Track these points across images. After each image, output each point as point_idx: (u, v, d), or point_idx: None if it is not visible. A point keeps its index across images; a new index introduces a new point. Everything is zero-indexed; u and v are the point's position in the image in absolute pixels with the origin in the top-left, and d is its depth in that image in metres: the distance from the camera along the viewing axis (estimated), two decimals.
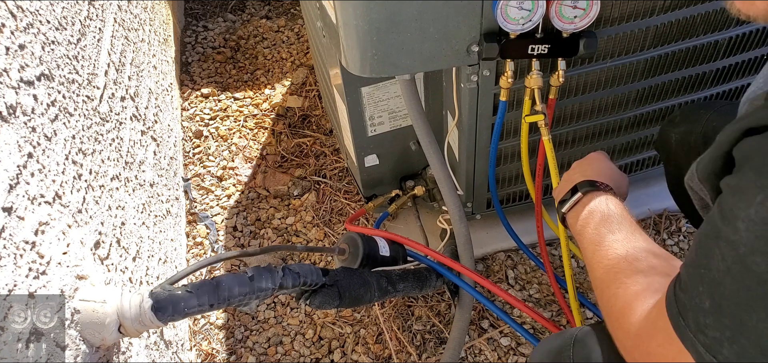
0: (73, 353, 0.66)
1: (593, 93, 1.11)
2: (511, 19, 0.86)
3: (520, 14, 0.86)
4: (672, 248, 1.41)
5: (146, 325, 0.69)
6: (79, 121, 0.89)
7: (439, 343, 1.30)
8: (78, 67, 0.95)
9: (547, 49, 0.89)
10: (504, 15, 0.85)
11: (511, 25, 0.86)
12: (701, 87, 1.17)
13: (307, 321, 1.37)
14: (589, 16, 0.87)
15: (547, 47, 0.89)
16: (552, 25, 0.89)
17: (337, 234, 1.53)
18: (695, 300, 0.48)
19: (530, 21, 0.86)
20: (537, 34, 0.89)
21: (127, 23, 1.39)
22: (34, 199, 0.67)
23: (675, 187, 0.99)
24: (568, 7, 0.86)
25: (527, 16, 0.86)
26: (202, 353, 1.34)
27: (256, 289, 0.73)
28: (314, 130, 1.82)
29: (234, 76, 2.07)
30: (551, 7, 0.86)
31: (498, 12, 0.85)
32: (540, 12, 0.85)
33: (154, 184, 1.32)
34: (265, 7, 2.35)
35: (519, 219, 1.41)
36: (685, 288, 0.50)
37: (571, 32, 0.89)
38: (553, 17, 0.87)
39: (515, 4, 0.85)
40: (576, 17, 0.87)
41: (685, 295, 0.49)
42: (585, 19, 0.87)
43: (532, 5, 0.85)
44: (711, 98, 1.20)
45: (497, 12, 0.85)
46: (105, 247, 0.89)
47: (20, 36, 0.74)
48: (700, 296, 0.48)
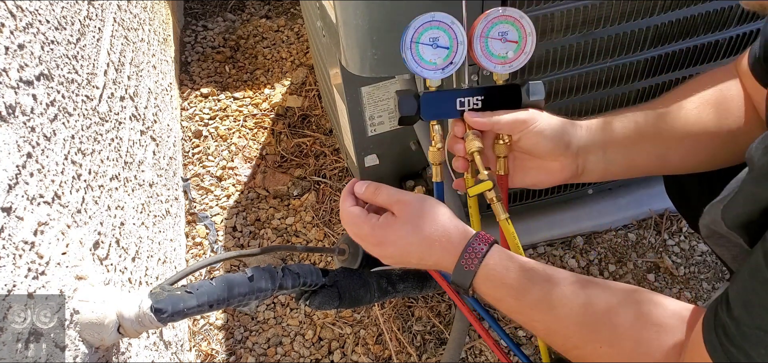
0: (73, 354, 0.66)
1: (593, 93, 1.11)
2: (427, 62, 0.68)
3: (436, 54, 0.67)
4: (673, 248, 1.41)
5: (145, 326, 0.68)
6: (78, 120, 0.89)
7: (440, 344, 1.30)
8: (77, 66, 0.95)
9: (480, 101, 0.69)
10: (417, 59, 0.67)
11: (429, 70, 0.68)
12: None
13: (306, 322, 1.37)
14: (524, 51, 0.68)
15: (480, 99, 0.69)
16: (483, 69, 0.70)
17: (337, 234, 1.53)
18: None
19: (452, 63, 0.68)
20: (464, 83, 0.71)
21: (127, 23, 1.39)
22: (33, 199, 0.67)
23: (672, 189, 0.98)
24: (495, 41, 0.68)
25: (446, 55, 0.67)
26: (201, 354, 1.34)
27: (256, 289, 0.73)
28: (314, 130, 1.82)
29: (233, 75, 2.07)
30: (475, 45, 0.68)
31: (408, 56, 0.67)
32: (461, 50, 0.68)
33: (153, 184, 1.32)
34: (265, 6, 2.35)
35: (519, 219, 1.41)
36: (740, 345, 0.46)
37: (506, 77, 0.70)
38: (479, 58, 0.68)
39: (427, 41, 0.67)
40: (508, 54, 0.69)
41: (745, 358, 0.46)
42: (520, 55, 0.69)
43: (448, 41, 0.67)
44: None
45: (407, 57, 0.67)
46: (104, 248, 0.89)
47: (19, 36, 0.74)
48: (765, 357, 0.44)
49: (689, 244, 1.42)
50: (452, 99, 0.69)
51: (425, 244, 0.63)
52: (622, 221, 1.44)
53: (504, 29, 0.68)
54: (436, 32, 0.67)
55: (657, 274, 1.38)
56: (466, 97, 0.69)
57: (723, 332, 0.47)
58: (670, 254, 1.40)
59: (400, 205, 0.64)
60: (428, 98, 0.69)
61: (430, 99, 0.69)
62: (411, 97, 0.69)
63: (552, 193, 1.37)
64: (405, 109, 0.69)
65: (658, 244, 1.42)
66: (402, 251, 0.64)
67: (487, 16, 0.67)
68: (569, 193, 1.39)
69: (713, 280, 1.37)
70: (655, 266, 1.39)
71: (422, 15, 0.66)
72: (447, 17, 0.67)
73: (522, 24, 0.68)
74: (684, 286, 1.35)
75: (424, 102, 0.69)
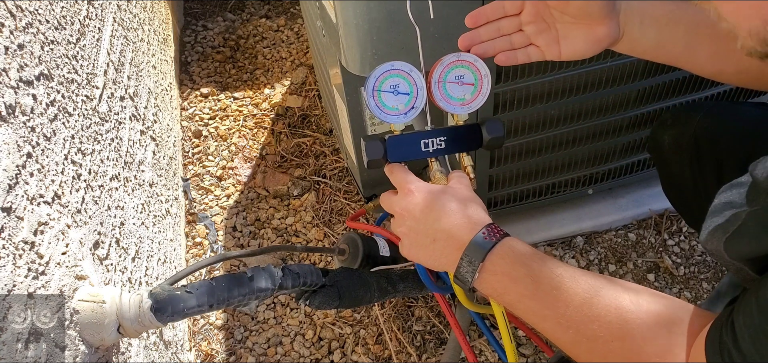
0: (73, 354, 0.66)
1: (593, 93, 1.11)
2: (389, 108, 0.71)
3: (398, 101, 0.70)
4: (673, 248, 1.41)
5: (145, 326, 0.68)
6: (78, 120, 0.89)
7: (439, 344, 1.30)
8: (77, 66, 0.95)
9: (443, 142, 0.72)
10: (380, 105, 0.70)
11: (391, 115, 0.71)
12: (702, 88, 1.17)
13: (306, 321, 1.37)
14: (481, 92, 0.71)
15: (444, 139, 0.72)
16: (443, 113, 0.74)
17: (337, 234, 1.53)
18: None
19: (413, 108, 0.71)
20: (427, 125, 0.74)
21: (127, 23, 1.39)
22: (33, 199, 0.67)
23: (670, 190, 0.98)
24: (453, 85, 0.71)
25: (407, 101, 0.71)
26: (201, 354, 1.34)
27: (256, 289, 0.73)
28: (314, 129, 1.82)
29: (233, 75, 2.07)
30: (433, 89, 0.71)
31: (372, 103, 0.70)
32: (421, 95, 0.70)
33: (153, 184, 1.32)
34: (265, 6, 2.35)
35: (519, 219, 1.41)
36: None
37: (464, 118, 0.73)
38: (439, 101, 0.71)
39: (389, 88, 0.70)
40: (466, 96, 0.72)
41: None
42: (478, 96, 0.72)
43: (408, 87, 0.70)
44: (711, 99, 1.20)
45: (371, 104, 0.70)
46: (104, 247, 0.89)
47: (19, 35, 0.73)
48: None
49: (689, 244, 1.42)
50: (417, 141, 0.72)
51: (460, 206, 0.63)
52: (622, 221, 1.44)
53: (460, 73, 0.71)
54: (396, 80, 0.70)
55: (657, 274, 1.38)
56: (430, 138, 0.72)
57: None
58: (670, 254, 1.40)
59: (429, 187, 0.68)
60: (394, 142, 0.71)
61: (395, 142, 0.71)
62: (377, 142, 0.71)
63: (552, 193, 1.37)
64: (371, 153, 0.71)
65: (658, 244, 1.42)
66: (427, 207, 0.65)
67: (442, 62, 0.70)
68: (569, 193, 1.39)
69: (713, 280, 1.37)
70: (655, 266, 1.39)
71: (382, 65, 0.69)
72: (405, 65, 0.69)
73: (477, 67, 0.70)
74: (684, 286, 1.35)
75: (390, 146, 0.71)
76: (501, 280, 0.59)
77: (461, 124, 0.73)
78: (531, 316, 0.58)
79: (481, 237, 0.60)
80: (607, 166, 1.34)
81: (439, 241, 0.63)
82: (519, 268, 0.58)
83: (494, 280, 0.59)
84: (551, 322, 0.57)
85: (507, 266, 0.58)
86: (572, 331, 0.55)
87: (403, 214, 0.67)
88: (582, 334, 0.55)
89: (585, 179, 1.37)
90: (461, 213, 0.63)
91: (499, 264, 0.59)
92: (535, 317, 0.58)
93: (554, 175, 1.32)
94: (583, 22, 0.68)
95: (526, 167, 1.27)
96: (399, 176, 0.69)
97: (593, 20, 0.67)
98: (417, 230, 0.65)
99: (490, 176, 1.26)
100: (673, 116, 0.94)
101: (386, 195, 0.72)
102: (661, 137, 0.94)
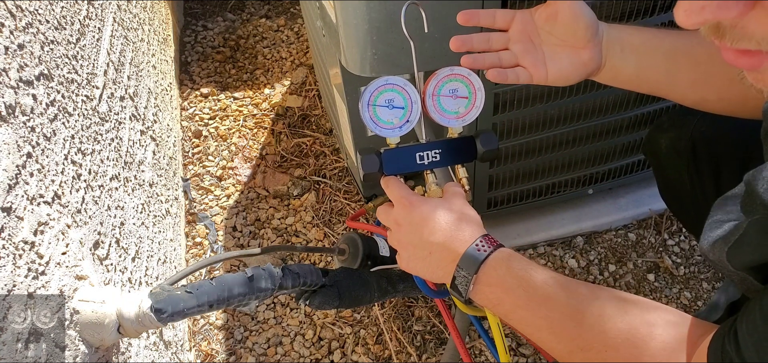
0: (73, 354, 0.66)
1: (593, 93, 1.11)
2: (385, 122, 0.71)
3: (393, 114, 0.71)
4: (673, 248, 1.41)
5: (145, 326, 0.68)
6: (78, 120, 0.89)
7: (439, 344, 1.30)
8: (77, 66, 0.95)
9: (438, 154, 0.73)
10: (375, 119, 0.71)
11: (387, 129, 0.71)
12: None
13: (306, 321, 1.37)
14: (475, 105, 0.72)
15: (439, 152, 0.73)
16: (437, 126, 0.75)
17: (337, 234, 1.53)
18: None
19: (408, 121, 0.71)
20: (422, 138, 0.75)
21: (127, 23, 1.39)
22: (33, 199, 0.67)
23: (667, 194, 0.98)
24: (447, 98, 0.72)
25: (402, 114, 0.71)
26: (201, 354, 1.34)
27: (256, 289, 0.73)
28: (314, 129, 1.82)
29: (233, 75, 2.07)
30: (428, 103, 0.71)
31: (367, 117, 0.71)
32: (416, 109, 0.71)
33: (153, 184, 1.32)
34: (265, 6, 2.35)
35: (519, 219, 1.41)
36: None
37: (460, 130, 0.74)
38: (433, 114, 0.72)
39: (384, 103, 0.70)
40: (460, 110, 0.72)
41: None
42: (472, 109, 0.72)
43: (403, 101, 0.70)
44: None
45: (366, 118, 0.71)
46: (104, 248, 0.89)
47: (19, 35, 0.73)
48: None
49: (689, 244, 1.42)
50: (412, 154, 0.72)
51: (454, 219, 0.64)
52: (622, 221, 1.44)
53: (454, 87, 0.71)
54: (391, 94, 0.70)
55: (657, 274, 1.38)
56: (425, 151, 0.72)
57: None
58: (670, 254, 1.40)
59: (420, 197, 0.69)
60: (389, 155, 0.72)
61: (391, 155, 0.72)
62: (373, 155, 0.71)
63: (552, 193, 1.37)
64: (367, 167, 0.72)
65: (658, 244, 1.42)
66: (422, 221, 0.65)
67: (437, 76, 0.70)
68: (569, 193, 1.39)
69: (713, 280, 1.37)
70: (655, 266, 1.39)
71: (377, 79, 0.69)
72: (400, 80, 0.70)
73: (470, 80, 0.71)
74: (684, 286, 1.35)
75: (385, 159, 0.71)
76: (495, 291, 0.59)
77: (456, 137, 0.74)
78: (525, 326, 0.59)
79: (474, 249, 0.61)
80: (607, 166, 1.34)
81: (435, 254, 0.64)
82: (511, 279, 0.58)
83: (488, 291, 0.60)
84: (545, 333, 0.57)
85: (500, 277, 0.59)
86: (566, 341, 0.56)
87: (399, 227, 0.68)
88: (576, 344, 0.55)
89: (585, 179, 1.37)
90: (456, 226, 0.64)
91: (493, 275, 0.59)
92: (530, 328, 0.59)
93: (554, 175, 1.32)
94: (568, 43, 0.69)
95: (526, 167, 1.27)
96: (395, 190, 0.70)
97: (578, 43, 0.69)
98: (413, 244, 0.66)
99: (490, 176, 1.26)
100: (670, 119, 0.94)
101: (383, 208, 0.72)
102: (657, 141, 0.94)
